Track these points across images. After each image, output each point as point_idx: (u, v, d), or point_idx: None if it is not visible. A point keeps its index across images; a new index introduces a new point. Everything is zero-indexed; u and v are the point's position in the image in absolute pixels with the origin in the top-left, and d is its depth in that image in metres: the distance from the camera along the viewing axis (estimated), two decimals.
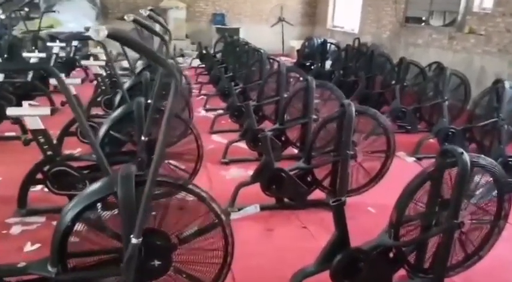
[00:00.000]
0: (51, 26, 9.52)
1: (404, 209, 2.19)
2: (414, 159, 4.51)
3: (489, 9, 6.36)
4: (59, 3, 10.56)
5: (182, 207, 1.81)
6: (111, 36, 1.22)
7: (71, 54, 7.47)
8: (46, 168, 2.88)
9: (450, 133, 4.53)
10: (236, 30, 12.07)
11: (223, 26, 12.15)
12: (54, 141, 3.06)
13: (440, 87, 5.21)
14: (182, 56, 11.38)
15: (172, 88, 1.47)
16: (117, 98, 4.21)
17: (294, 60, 10.39)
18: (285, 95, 4.64)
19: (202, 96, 6.86)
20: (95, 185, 1.77)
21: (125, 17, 2.40)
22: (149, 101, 3.13)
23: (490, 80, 5.99)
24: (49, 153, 2.87)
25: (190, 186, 1.78)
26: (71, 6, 10.55)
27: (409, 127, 5.36)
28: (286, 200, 3.36)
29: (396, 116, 5.21)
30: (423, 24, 8.17)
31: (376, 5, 9.60)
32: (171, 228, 1.79)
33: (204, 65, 9.00)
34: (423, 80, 6.20)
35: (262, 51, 6.29)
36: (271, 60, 6.30)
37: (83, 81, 6.49)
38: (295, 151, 4.43)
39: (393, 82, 6.30)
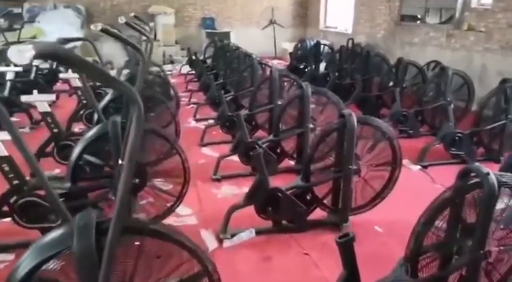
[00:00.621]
0: (34, 37, 9.19)
1: (422, 239, 1.89)
2: (419, 167, 4.21)
3: (489, 4, 6.10)
4: (43, 13, 10.23)
5: (159, 256, 1.50)
6: (42, 56, 0.91)
7: (54, 66, 7.12)
8: (12, 199, 2.55)
9: (457, 138, 4.24)
10: (227, 34, 11.78)
11: (213, 31, 11.85)
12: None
13: (443, 88, 4.93)
14: (172, 62, 11.07)
15: (135, 117, 1.15)
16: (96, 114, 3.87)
17: (287, 63, 10.11)
18: (279, 103, 4.35)
19: (192, 105, 6.54)
20: (52, 234, 1.45)
21: (92, 27, 2.08)
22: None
23: (492, 78, 5.75)
24: (15, 182, 2.54)
25: (166, 231, 1.47)
26: (55, 16, 10.22)
27: (411, 131, 5.07)
28: (284, 222, 3.04)
29: (397, 120, 4.92)
30: (419, 22, 7.91)
31: (369, 4, 9.33)
32: None
33: (194, 72, 8.69)
34: (422, 80, 5.93)
35: (253, 56, 6.00)
36: (263, 66, 5.99)
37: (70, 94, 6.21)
38: (292, 163, 4.14)
39: (391, 84, 6.04)
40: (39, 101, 3.65)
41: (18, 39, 7.53)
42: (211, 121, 5.46)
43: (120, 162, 2.59)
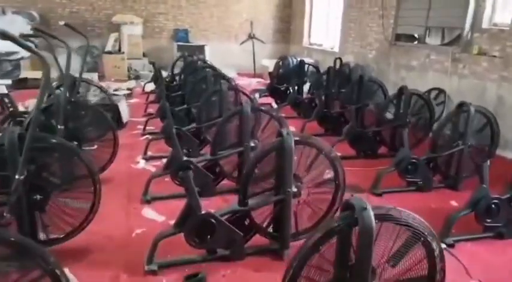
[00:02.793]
0: None
1: None
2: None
3: (505, 24, 5.14)
4: None
5: None
6: None
7: None
8: None
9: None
10: (201, 48, 10.65)
11: (186, 43, 10.70)
12: None
13: (461, 129, 3.88)
14: (137, 77, 9.82)
15: None
16: None
17: (267, 82, 8.99)
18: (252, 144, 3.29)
19: (147, 136, 5.31)
20: None
21: None
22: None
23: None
24: None
25: None
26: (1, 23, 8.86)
27: (423, 184, 3.96)
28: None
29: (406, 170, 3.81)
30: (416, 42, 6.94)
31: (359, 21, 8.37)
32: None
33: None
34: (429, 115, 4.88)
35: (225, 77, 4.86)
36: (236, 91, 4.81)
37: None
38: None
39: (389, 116, 4.98)
40: None
41: None
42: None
43: (17, 176, 2.26)
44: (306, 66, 7.77)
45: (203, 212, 2.54)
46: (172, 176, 3.42)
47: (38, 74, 8.34)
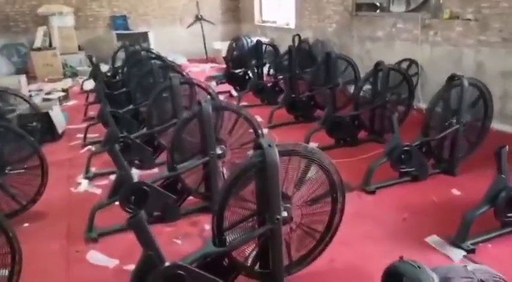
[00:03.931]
0: None
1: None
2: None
3: None
4: None
5: None
6: None
7: None
8: None
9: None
10: (144, 35, 9.67)
11: (126, 31, 9.65)
12: None
13: (454, 106, 3.40)
14: (75, 75, 8.73)
15: None
16: None
17: (223, 67, 8.23)
18: None
19: (89, 148, 4.47)
20: None
21: None
22: None
23: (494, 81, 4.37)
24: None
25: None
26: None
27: (417, 173, 3.45)
28: None
29: (399, 160, 3.27)
30: (378, 11, 6.42)
31: None
32: None
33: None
34: (409, 92, 4.39)
35: (174, 73, 4.09)
36: (190, 84, 4.05)
37: None
38: None
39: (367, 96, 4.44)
40: None
41: None
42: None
43: None
44: (263, 46, 7.10)
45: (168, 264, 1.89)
46: (123, 203, 2.69)
47: None
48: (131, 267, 2.38)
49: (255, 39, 7.11)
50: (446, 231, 2.63)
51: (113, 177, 3.70)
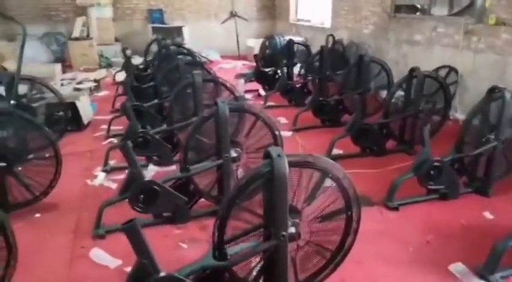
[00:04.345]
0: None
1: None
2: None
3: None
4: None
5: None
6: None
7: None
8: None
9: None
10: (178, 30, 9.70)
11: (161, 25, 9.72)
12: None
13: (493, 120, 3.12)
14: (109, 66, 8.87)
15: None
16: None
17: (254, 65, 8.11)
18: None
19: (111, 140, 4.47)
20: None
21: None
22: None
23: None
24: None
25: None
26: None
27: (447, 191, 3.20)
28: None
29: (427, 176, 3.04)
30: (419, 13, 6.11)
31: None
32: None
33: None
34: (445, 101, 4.11)
35: (202, 61, 4.01)
36: (215, 82, 3.94)
37: None
38: None
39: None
40: None
41: None
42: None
43: None
44: (295, 46, 6.93)
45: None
46: (132, 201, 2.63)
47: None
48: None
49: (288, 38, 6.96)
50: (473, 259, 2.39)
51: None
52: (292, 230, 1.89)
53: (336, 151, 4.12)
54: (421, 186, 3.10)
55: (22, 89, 4.32)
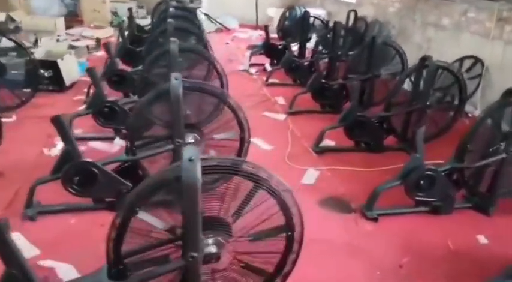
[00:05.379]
0: None
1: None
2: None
3: None
4: None
5: None
6: None
7: None
8: None
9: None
10: None
11: None
12: None
13: (505, 129, 2.62)
14: (120, 25, 8.47)
15: None
16: None
17: (273, 36, 7.57)
18: None
19: None
20: None
21: None
22: None
23: None
24: None
25: None
26: None
27: (439, 205, 2.74)
28: None
29: (417, 186, 2.59)
30: None
31: None
32: None
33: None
34: (460, 96, 3.58)
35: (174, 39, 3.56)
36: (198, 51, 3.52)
37: None
38: None
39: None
40: None
41: None
42: None
43: None
44: (312, 19, 6.36)
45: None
46: (65, 182, 2.32)
47: (1, 16, 7.13)
48: (46, 263, 2.04)
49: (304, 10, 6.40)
50: None
51: (93, 143, 3.40)
52: (212, 249, 1.53)
53: (327, 142, 3.69)
54: (408, 196, 2.66)
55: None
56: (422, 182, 2.58)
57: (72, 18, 8.73)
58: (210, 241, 1.54)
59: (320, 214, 2.66)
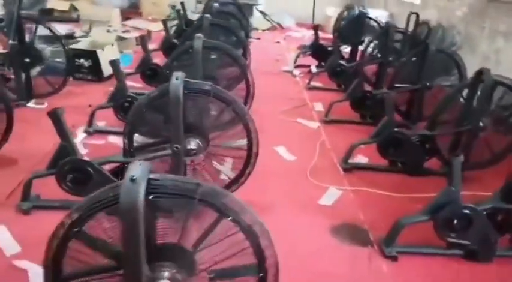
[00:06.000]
0: None
1: None
2: None
3: None
4: None
5: None
6: None
7: None
8: None
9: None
10: None
11: None
12: None
13: None
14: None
15: None
16: None
17: (329, 37, 7.23)
18: None
19: None
20: None
21: None
22: None
23: None
24: None
25: None
26: None
27: (476, 249, 2.32)
28: None
29: (449, 226, 2.19)
30: None
31: None
32: None
33: None
34: None
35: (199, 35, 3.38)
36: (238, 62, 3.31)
37: None
38: None
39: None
40: None
41: None
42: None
43: None
44: (367, 20, 5.93)
45: None
46: (58, 179, 2.24)
47: (65, 5, 7.47)
48: (24, 264, 1.95)
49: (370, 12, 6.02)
50: None
51: (111, 138, 3.34)
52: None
53: (359, 159, 3.33)
54: (438, 236, 2.26)
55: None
56: (456, 221, 2.18)
57: (133, 10, 8.96)
58: (164, 274, 1.33)
59: (329, 243, 2.34)
